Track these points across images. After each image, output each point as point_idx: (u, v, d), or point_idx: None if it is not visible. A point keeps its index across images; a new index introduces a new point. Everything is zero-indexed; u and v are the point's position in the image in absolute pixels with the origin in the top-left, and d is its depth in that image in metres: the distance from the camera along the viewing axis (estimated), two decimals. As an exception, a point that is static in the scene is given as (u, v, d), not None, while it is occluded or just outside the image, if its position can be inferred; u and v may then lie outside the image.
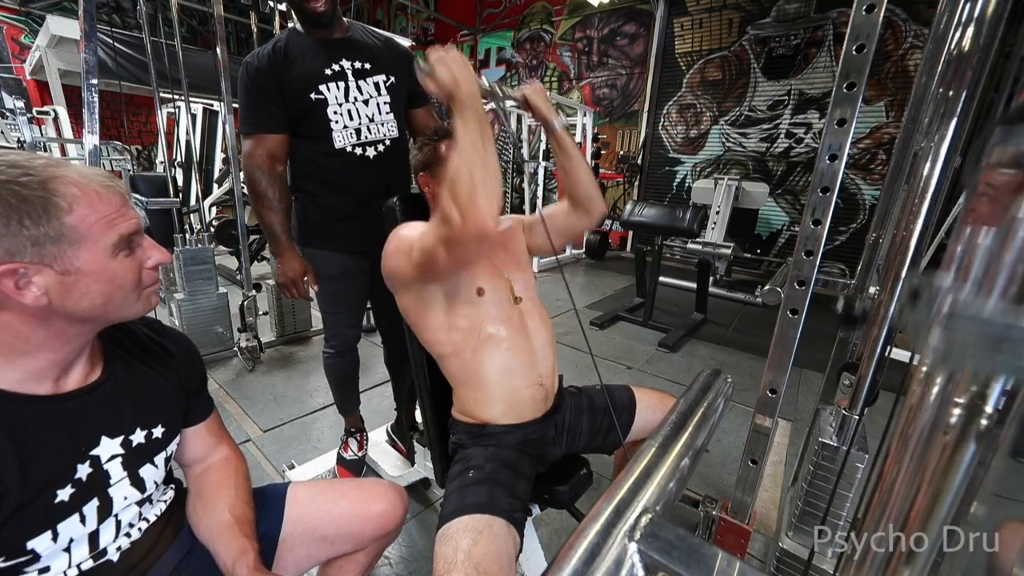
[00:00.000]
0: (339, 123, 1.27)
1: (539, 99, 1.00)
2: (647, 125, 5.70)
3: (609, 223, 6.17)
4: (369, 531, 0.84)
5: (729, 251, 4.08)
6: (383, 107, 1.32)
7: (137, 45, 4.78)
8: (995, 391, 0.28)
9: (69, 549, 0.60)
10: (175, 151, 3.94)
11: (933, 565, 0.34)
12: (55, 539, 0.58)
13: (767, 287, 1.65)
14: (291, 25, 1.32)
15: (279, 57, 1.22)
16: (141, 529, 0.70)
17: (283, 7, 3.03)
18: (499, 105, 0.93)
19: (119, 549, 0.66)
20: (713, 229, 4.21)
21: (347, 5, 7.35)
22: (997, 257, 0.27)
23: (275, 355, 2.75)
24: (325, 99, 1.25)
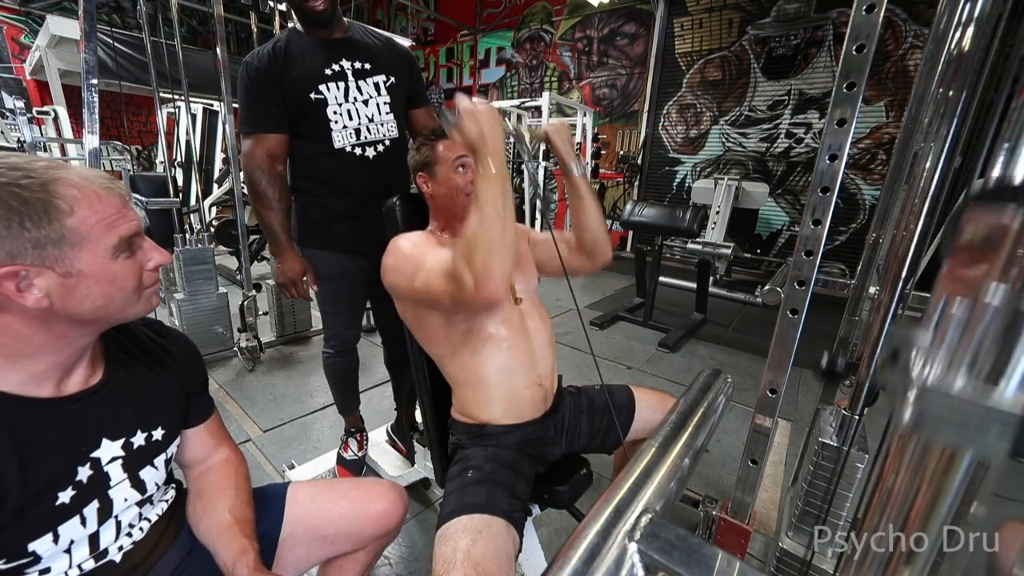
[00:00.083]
0: (339, 123, 1.27)
1: (560, 140, 1.01)
2: (647, 125, 5.70)
3: (609, 223, 6.17)
4: (369, 530, 0.84)
5: (729, 251, 4.07)
6: (383, 107, 1.32)
7: (137, 45, 4.79)
8: None
9: (70, 550, 0.61)
10: (175, 151, 3.94)
11: (933, 565, 0.34)
12: (56, 541, 0.58)
13: (767, 287, 1.65)
14: (291, 25, 1.32)
15: (279, 57, 1.22)
16: (143, 529, 0.70)
17: (283, 7, 3.03)
18: (523, 147, 0.93)
19: (121, 549, 0.66)
20: (713, 229, 4.21)
21: (347, 5, 7.34)
22: (966, 334, 0.28)
23: (275, 355, 2.75)
24: (325, 99, 1.25)
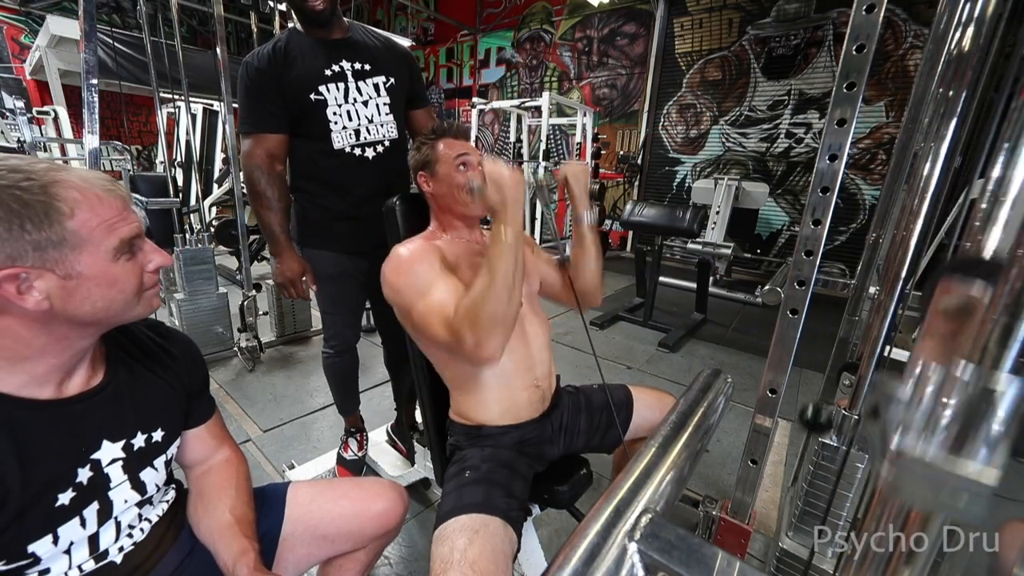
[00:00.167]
0: (338, 124, 1.27)
1: (577, 184, 1.01)
2: (647, 125, 5.70)
3: (609, 223, 6.16)
4: (369, 530, 0.84)
5: (729, 251, 4.07)
6: (382, 108, 1.32)
7: (137, 45, 4.79)
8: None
9: (69, 551, 0.60)
10: (175, 151, 3.94)
11: (933, 565, 0.34)
12: (55, 542, 0.58)
13: (767, 287, 1.65)
14: (291, 25, 1.31)
15: (279, 57, 1.22)
16: (143, 530, 0.70)
17: (283, 7, 3.03)
18: (543, 199, 0.95)
19: (121, 550, 0.66)
20: (713, 229, 4.21)
21: (347, 5, 7.34)
22: (939, 402, 0.29)
23: (275, 355, 2.75)
24: (325, 100, 1.25)
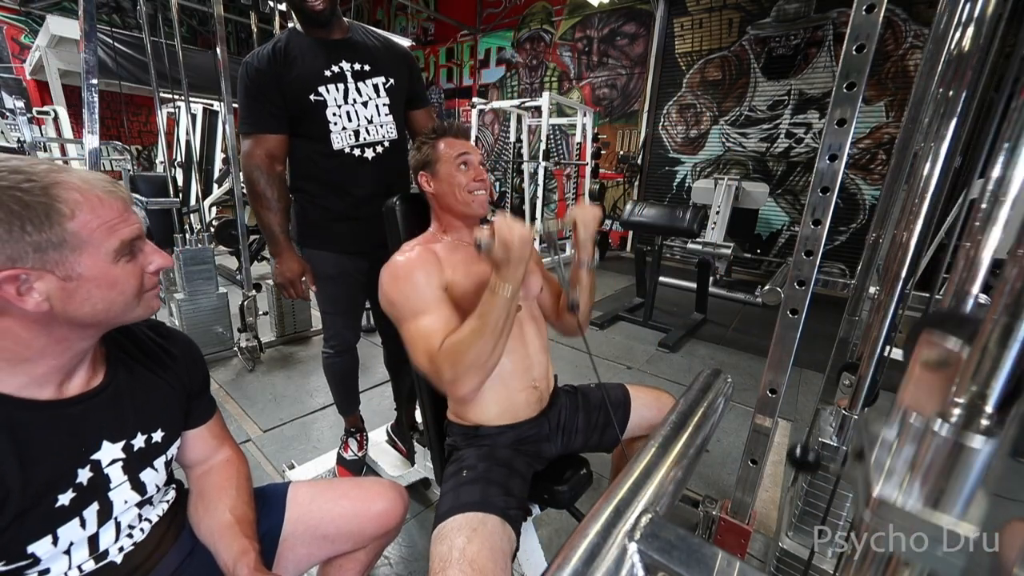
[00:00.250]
0: (338, 124, 1.27)
1: (586, 231, 1.00)
2: (647, 125, 5.69)
3: (609, 223, 6.16)
4: (369, 530, 0.84)
5: (729, 251, 4.07)
6: (382, 109, 1.32)
7: (137, 45, 4.79)
8: (995, 392, 0.28)
9: (69, 552, 0.61)
10: (175, 151, 3.94)
11: (933, 565, 0.34)
12: (55, 543, 0.58)
13: (767, 287, 1.65)
14: (291, 25, 1.31)
15: (279, 57, 1.22)
16: (143, 530, 0.70)
17: (283, 7, 3.03)
18: (553, 249, 0.96)
19: (121, 550, 0.66)
20: (713, 229, 4.21)
21: (347, 5, 7.34)
22: (919, 453, 0.29)
23: (275, 355, 2.75)
24: (324, 100, 1.25)
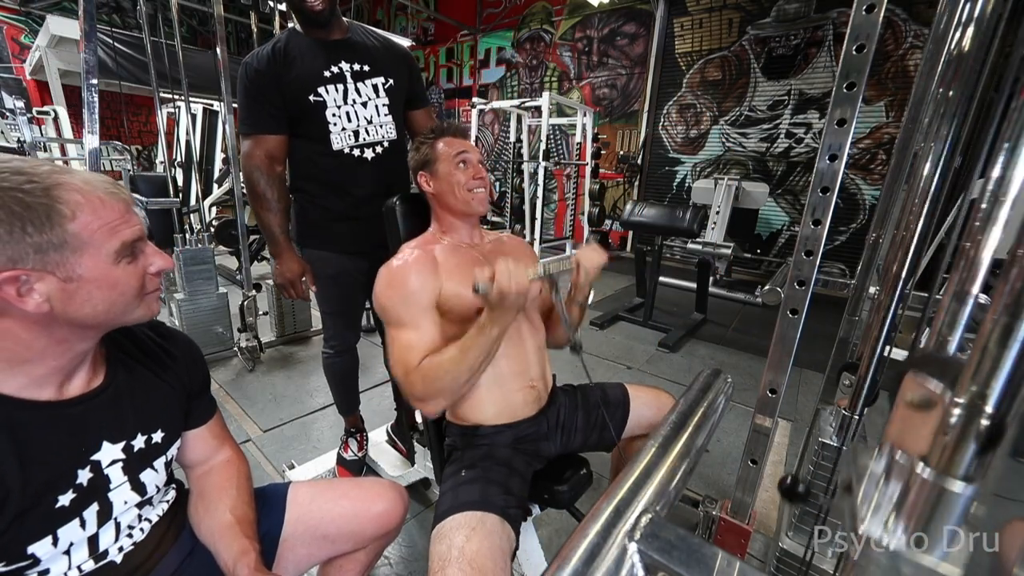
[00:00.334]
0: (338, 125, 1.27)
1: (586, 277, 0.99)
2: (647, 125, 5.69)
3: (609, 223, 6.16)
4: (369, 530, 0.84)
5: (729, 251, 4.07)
6: (382, 109, 1.32)
7: (137, 45, 4.79)
8: (994, 392, 0.28)
9: (69, 552, 0.61)
10: (175, 151, 3.94)
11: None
12: (55, 543, 0.58)
13: (767, 287, 1.65)
14: (291, 25, 1.31)
15: (278, 58, 1.22)
16: (143, 530, 0.70)
17: (283, 7, 3.02)
18: (556, 293, 0.96)
19: (121, 551, 0.66)
20: (713, 229, 4.21)
21: (347, 5, 7.33)
22: (903, 494, 0.29)
23: (275, 355, 2.75)
24: (324, 101, 1.25)
